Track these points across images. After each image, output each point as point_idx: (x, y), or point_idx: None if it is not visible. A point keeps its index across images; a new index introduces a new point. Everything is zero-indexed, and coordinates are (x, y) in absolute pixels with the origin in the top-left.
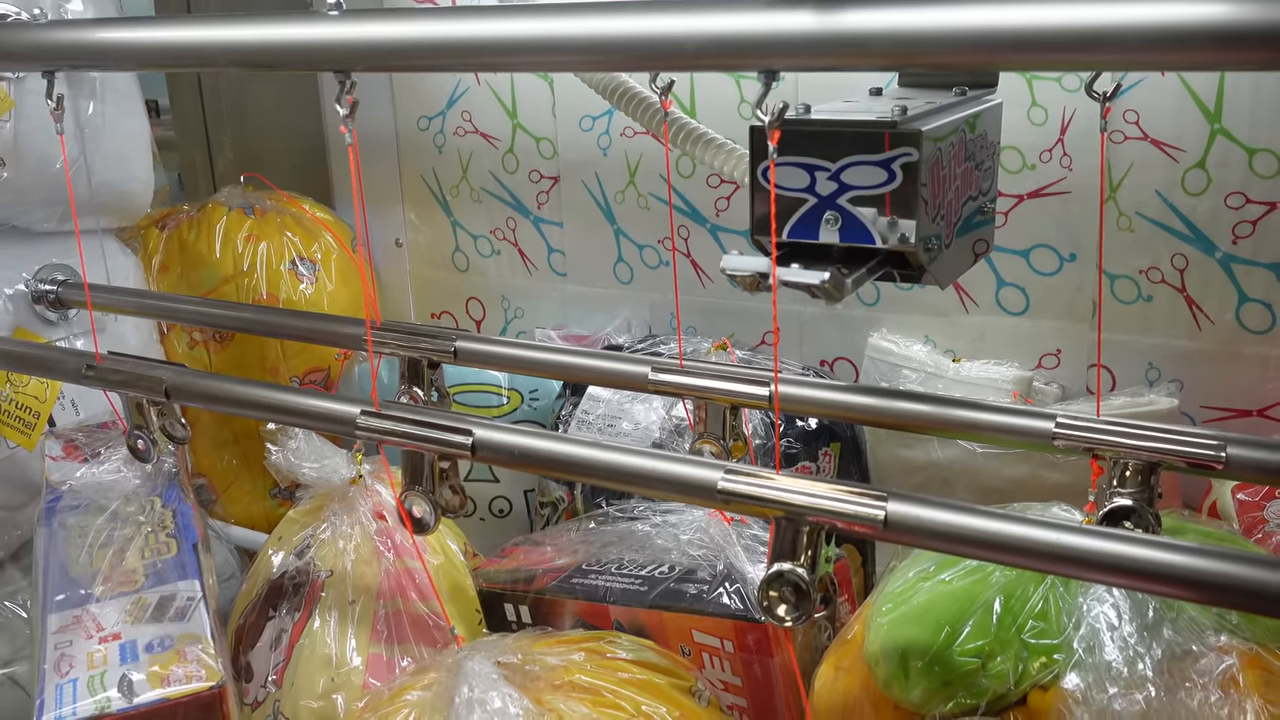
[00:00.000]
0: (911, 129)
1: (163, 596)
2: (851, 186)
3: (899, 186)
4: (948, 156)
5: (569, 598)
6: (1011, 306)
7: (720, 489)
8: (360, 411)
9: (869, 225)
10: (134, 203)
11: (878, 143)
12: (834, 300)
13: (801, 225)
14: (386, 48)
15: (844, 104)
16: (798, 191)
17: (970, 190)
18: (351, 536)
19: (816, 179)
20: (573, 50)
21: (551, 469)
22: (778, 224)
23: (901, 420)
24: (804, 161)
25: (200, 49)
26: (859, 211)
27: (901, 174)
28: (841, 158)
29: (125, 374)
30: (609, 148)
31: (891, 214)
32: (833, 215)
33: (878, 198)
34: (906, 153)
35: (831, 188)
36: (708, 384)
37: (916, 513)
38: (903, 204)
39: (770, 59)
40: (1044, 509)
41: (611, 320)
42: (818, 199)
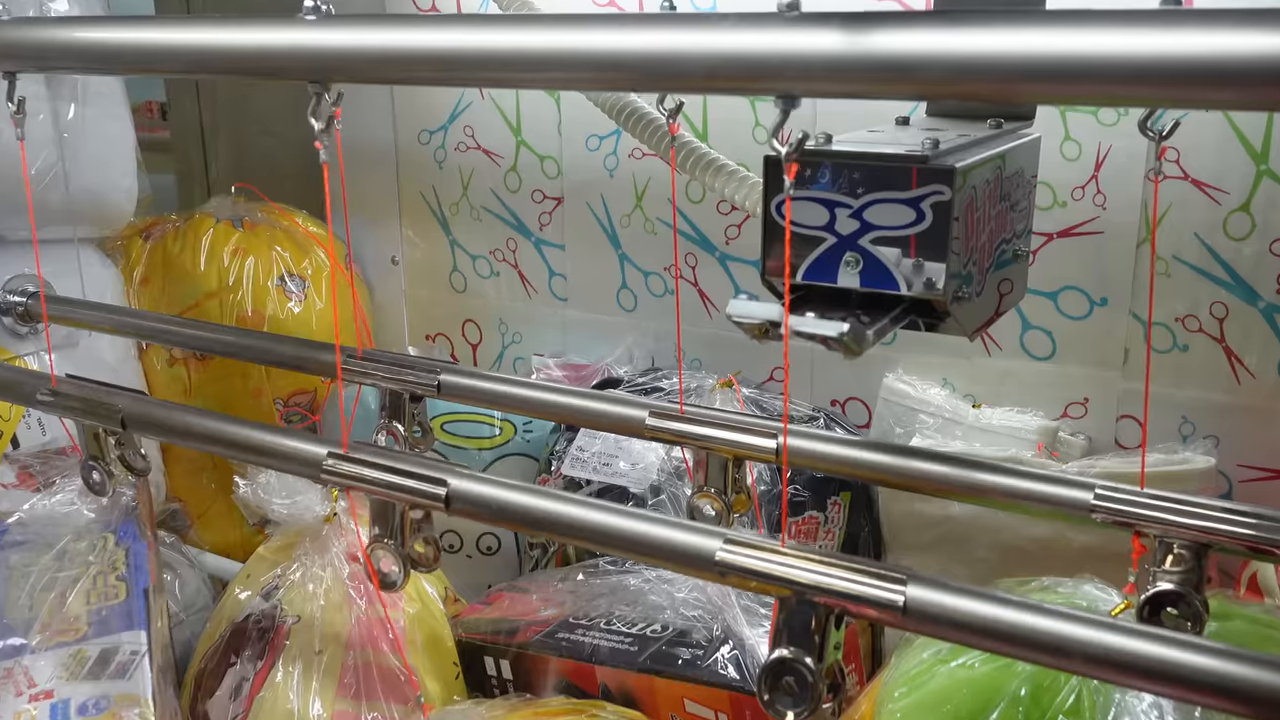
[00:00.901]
0: (944, 165)
1: (104, 649)
2: (875, 226)
3: (928, 228)
4: (982, 196)
5: (553, 655)
6: (1037, 351)
7: (718, 560)
8: (327, 453)
9: (893, 269)
10: (115, 211)
11: (906, 179)
12: (853, 355)
13: (819, 267)
14: (369, 57)
15: (868, 134)
16: (816, 229)
17: (1004, 232)
18: (322, 579)
19: (837, 216)
20: (573, 67)
21: (532, 527)
22: (792, 265)
23: (920, 482)
24: (824, 197)
25: (163, 53)
26: (882, 253)
27: (931, 214)
28: (865, 194)
29: (81, 400)
30: (616, 169)
31: (918, 257)
32: (853, 257)
33: (904, 239)
34: (938, 190)
35: (853, 226)
36: (709, 433)
37: (939, 600)
38: (932, 247)
39: (789, 82)
40: (1076, 586)
41: (613, 350)
42: (838, 239)
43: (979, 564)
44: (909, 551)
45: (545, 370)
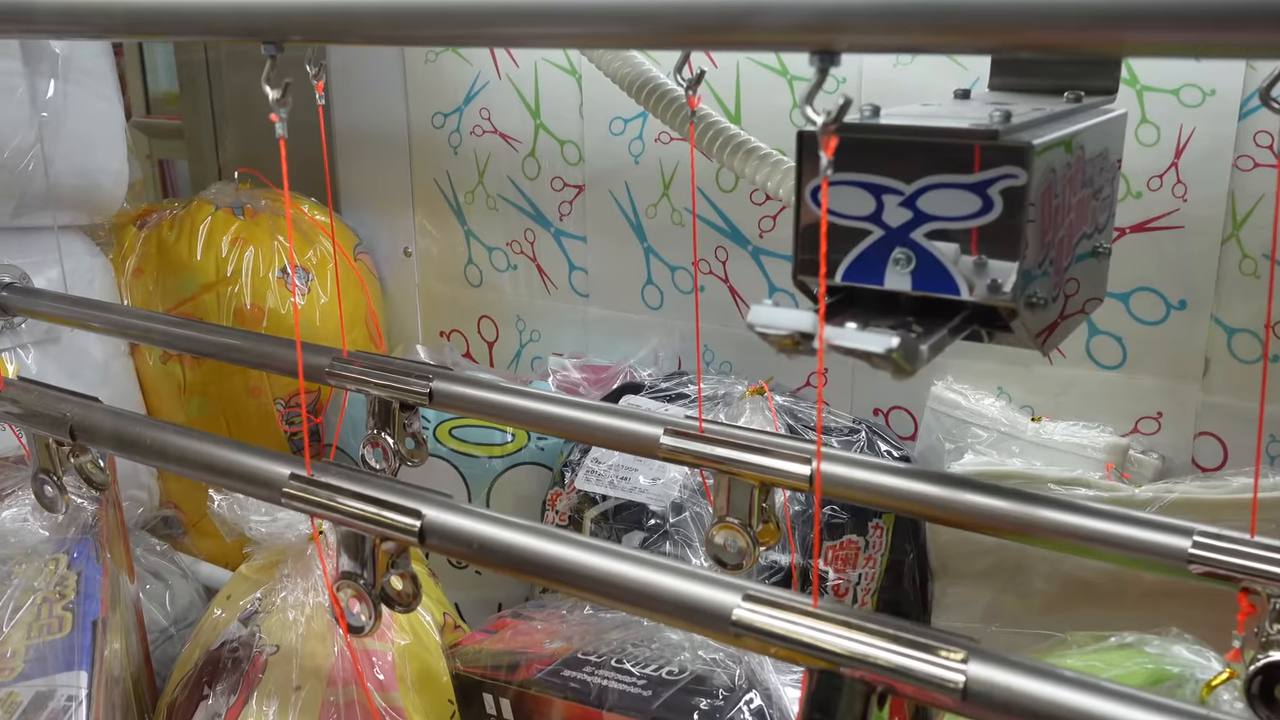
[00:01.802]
0: (1019, 141)
1: (38, 693)
2: (932, 216)
3: (997, 218)
4: (1062, 180)
5: (558, 696)
6: (1105, 359)
7: (735, 620)
8: (289, 475)
9: (952, 269)
10: (102, 196)
11: (971, 159)
12: (904, 375)
13: (862, 265)
14: (330, 12)
15: (922, 108)
16: (859, 220)
17: (1084, 225)
18: (304, 606)
19: (885, 205)
20: (573, 19)
21: (517, 569)
22: (830, 262)
23: (978, 519)
24: (869, 181)
25: (96, 11)
26: (940, 250)
27: (1002, 202)
28: (920, 177)
29: (25, 406)
30: (641, 154)
31: (983, 254)
32: (904, 254)
33: (966, 232)
34: (1010, 174)
35: (904, 217)
36: (733, 455)
37: (1009, 683)
38: (1001, 242)
39: (829, 34)
40: (1164, 645)
41: (637, 351)
42: (885, 231)
43: (1035, 596)
44: (958, 581)
45: (563, 371)
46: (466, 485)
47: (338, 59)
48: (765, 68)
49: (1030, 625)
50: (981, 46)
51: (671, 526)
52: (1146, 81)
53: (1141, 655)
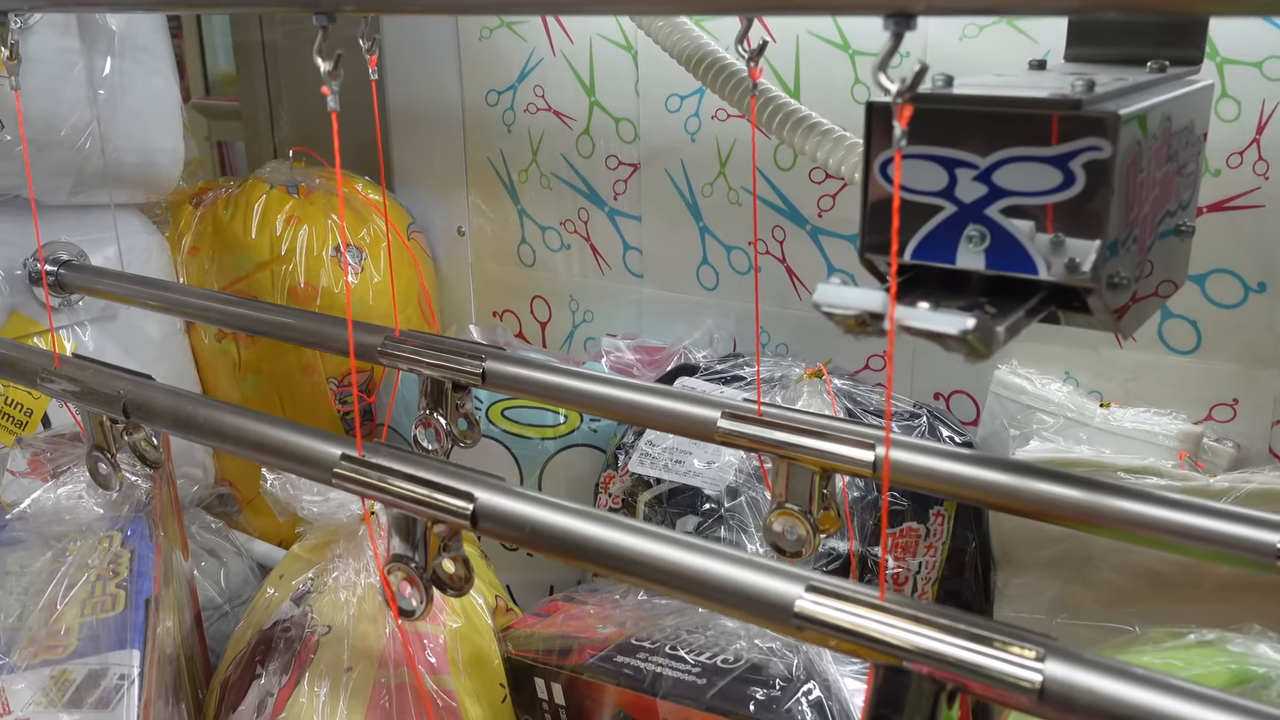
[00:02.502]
0: (1104, 111)
1: (91, 671)
2: (1008, 191)
3: (1079, 193)
4: (1147, 154)
5: (610, 682)
6: (1178, 343)
7: (798, 612)
8: (340, 455)
9: (1029, 246)
10: (158, 174)
11: (1051, 131)
12: (979, 358)
13: (932, 243)
14: None
15: (996, 78)
16: (930, 196)
17: (1169, 202)
18: (356, 587)
19: (958, 179)
20: None
21: (572, 555)
22: (899, 240)
23: (1047, 509)
24: (942, 154)
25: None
26: (1016, 226)
27: (1084, 176)
28: (996, 150)
29: (80, 384)
30: (698, 132)
31: (1062, 231)
32: (978, 231)
33: (1044, 208)
34: (1093, 146)
35: (978, 192)
36: (792, 440)
37: (1089, 683)
38: (1082, 218)
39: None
40: (1247, 644)
41: (691, 332)
42: (958, 207)
43: (1103, 588)
44: (1022, 571)
45: (616, 353)
46: (519, 466)
47: (392, 36)
48: (826, 42)
49: (1098, 618)
50: (1067, 6)
51: (726, 511)
52: (1227, 54)
53: (1223, 654)
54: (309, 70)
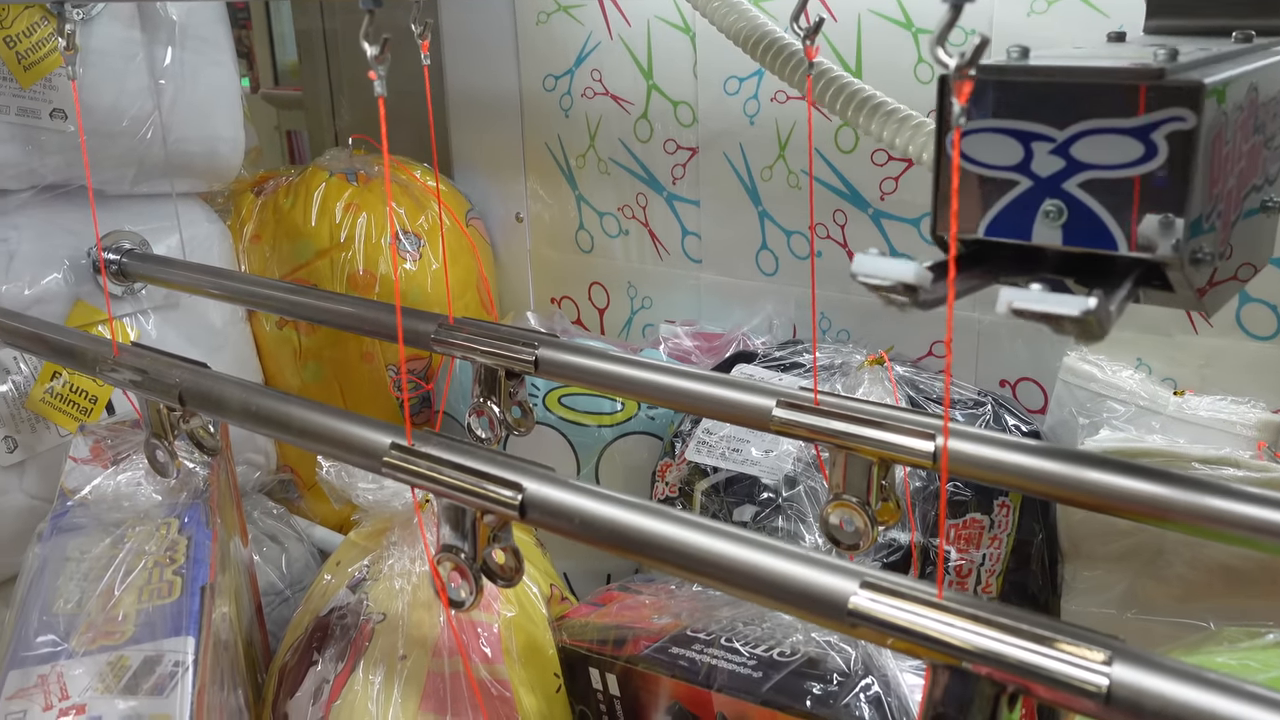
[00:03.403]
0: (1189, 81)
1: (147, 658)
2: (1087, 165)
3: (1162, 166)
4: (1233, 125)
5: (665, 674)
6: (1257, 328)
7: (851, 609)
8: (390, 444)
9: (1109, 221)
10: (219, 163)
11: (1133, 102)
12: (1095, 339)
13: (1007, 218)
14: None
15: (1074, 50)
16: (1004, 170)
17: (1255, 176)
18: (410, 575)
19: (1034, 153)
20: None
21: (621, 547)
22: (971, 216)
23: (1117, 502)
24: (1017, 127)
25: None
26: (1095, 201)
27: (1167, 148)
28: (1075, 123)
29: (139, 372)
30: (757, 115)
31: (1145, 205)
32: (1055, 205)
33: (1126, 181)
34: (1178, 116)
35: (1056, 166)
36: (849, 429)
37: (1158, 688)
38: (1164, 192)
39: None
40: None
41: (751, 317)
42: (1034, 181)
43: (1176, 582)
44: (1091, 564)
45: (674, 339)
46: (575, 454)
47: (450, 22)
48: (888, 20)
49: (1169, 614)
50: None
51: (785, 501)
52: None
53: None
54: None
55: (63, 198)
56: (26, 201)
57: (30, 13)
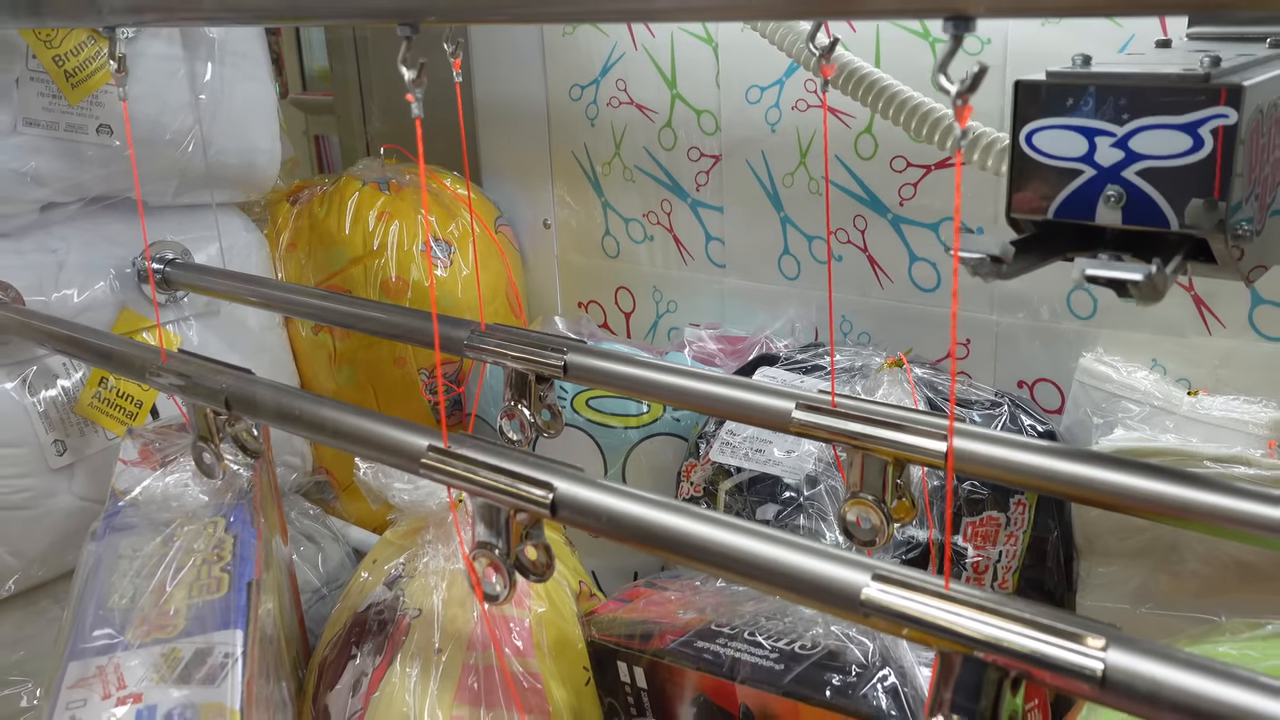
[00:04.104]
0: (1232, 83)
1: (198, 650)
2: (1143, 156)
3: (1207, 155)
4: (1269, 121)
5: (691, 666)
6: (1270, 329)
7: (864, 600)
8: (428, 446)
9: (1162, 203)
10: (257, 175)
11: (1183, 101)
12: (1150, 302)
13: (1073, 203)
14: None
15: (1128, 57)
16: (1071, 161)
17: None
18: (445, 572)
19: (1097, 146)
20: None
21: (648, 544)
22: (1042, 200)
23: (1126, 501)
24: (1083, 125)
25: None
26: (1150, 186)
27: (1212, 140)
28: (1133, 120)
29: (185, 378)
30: (778, 123)
31: (1192, 190)
32: (1115, 191)
33: (1177, 170)
34: (1221, 114)
35: (1116, 157)
36: (865, 430)
37: (1150, 672)
38: (1210, 178)
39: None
40: None
41: (774, 321)
42: (1097, 170)
43: (1190, 578)
44: (1106, 560)
45: (699, 342)
46: (603, 455)
47: (478, 34)
48: (907, 30)
49: (1183, 608)
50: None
51: (806, 500)
52: None
53: None
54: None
55: (107, 210)
56: (73, 214)
57: (78, 32)
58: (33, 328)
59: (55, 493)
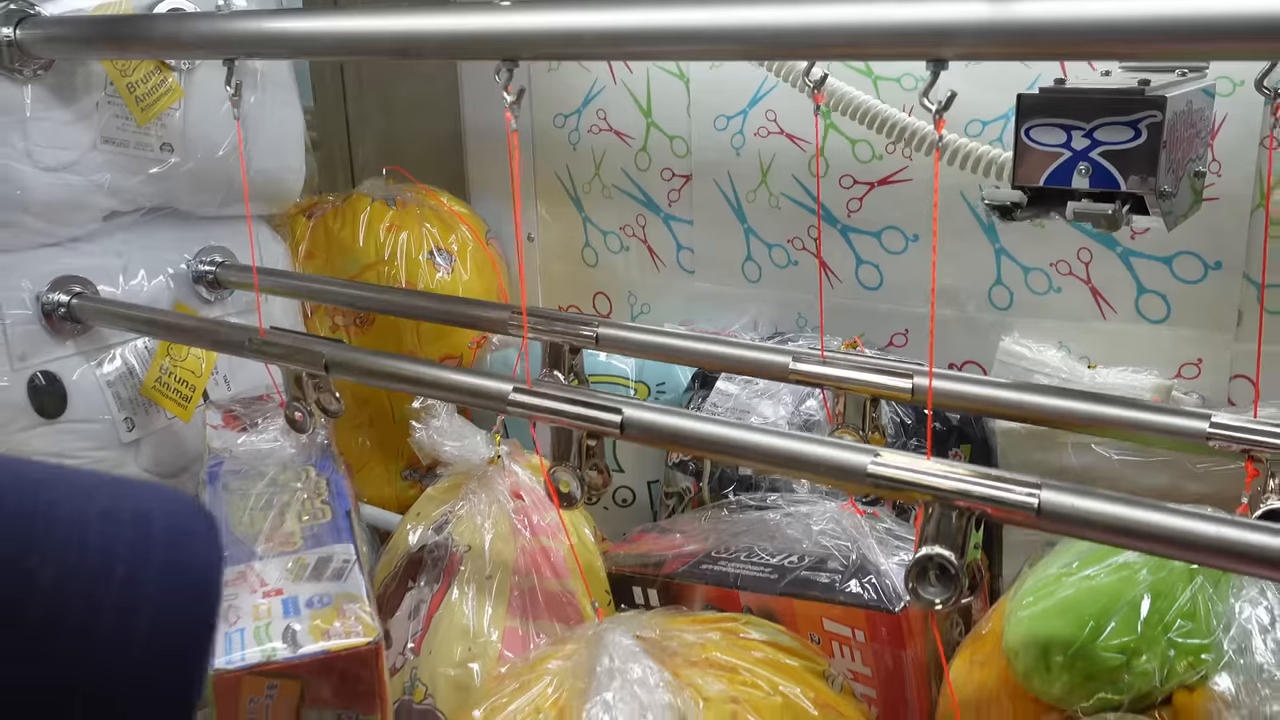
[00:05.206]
0: (1159, 95)
1: (320, 558)
2: (1103, 142)
3: (1144, 142)
4: (1181, 121)
5: (698, 582)
6: (1152, 314)
7: (870, 473)
8: (513, 389)
9: (1115, 174)
10: (286, 190)
11: (1129, 107)
12: (1112, 229)
13: (1057, 174)
14: (553, 37)
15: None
16: (1055, 147)
17: (1191, 152)
18: (489, 514)
19: (1072, 137)
20: (726, 39)
21: (700, 449)
22: (1034, 173)
23: (1051, 416)
24: (1062, 122)
25: (381, 38)
26: (1108, 163)
27: (1147, 132)
28: (1096, 119)
29: (287, 347)
30: (742, 147)
31: (1134, 164)
32: (1085, 166)
33: (1125, 151)
34: (1153, 115)
35: (1085, 144)
36: (849, 375)
37: (1071, 502)
38: (1146, 156)
39: (939, 48)
40: None
41: (739, 319)
42: (1073, 153)
43: None
44: None
45: None
46: None
47: (470, 69)
48: (853, 69)
49: None
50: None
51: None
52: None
53: None
54: (388, 101)
55: (161, 219)
56: (131, 223)
57: (147, 63)
58: (124, 316)
59: (125, 464)
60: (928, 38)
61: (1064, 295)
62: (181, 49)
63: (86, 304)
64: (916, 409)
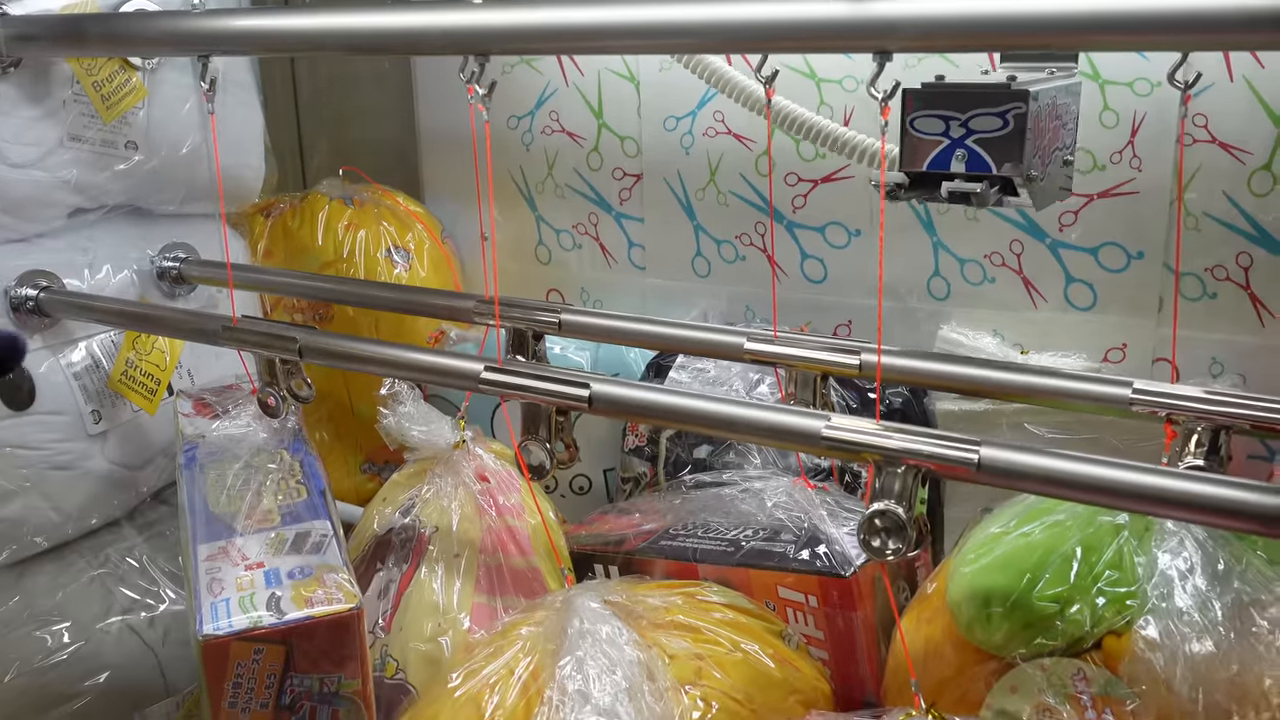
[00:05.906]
0: (1024, 89)
1: (299, 533)
2: (976, 131)
3: (1011, 131)
4: (1046, 112)
5: (658, 557)
6: (1079, 302)
7: (824, 436)
8: (484, 367)
9: (987, 158)
10: (245, 189)
11: (998, 99)
12: (981, 206)
13: (938, 160)
14: (523, 32)
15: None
16: (936, 135)
17: (1058, 142)
18: (455, 496)
19: (950, 126)
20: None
21: (666, 419)
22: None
23: (988, 387)
24: (941, 113)
25: (352, 34)
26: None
27: (1014, 122)
28: (970, 110)
29: (261, 334)
30: (691, 146)
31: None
32: (961, 152)
33: (995, 139)
34: (1018, 106)
35: (961, 132)
36: (801, 353)
37: (1008, 456)
38: (1015, 143)
39: (883, 40)
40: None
41: (689, 312)
42: (950, 141)
43: None
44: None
45: None
46: None
47: (423, 68)
48: (796, 71)
49: None
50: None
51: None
52: (1107, 76)
53: None
54: (342, 102)
55: (125, 216)
56: (99, 219)
57: (112, 62)
58: (94, 309)
59: (91, 456)
60: (875, 30)
61: (997, 285)
62: (148, 46)
63: (55, 298)
64: (861, 394)
